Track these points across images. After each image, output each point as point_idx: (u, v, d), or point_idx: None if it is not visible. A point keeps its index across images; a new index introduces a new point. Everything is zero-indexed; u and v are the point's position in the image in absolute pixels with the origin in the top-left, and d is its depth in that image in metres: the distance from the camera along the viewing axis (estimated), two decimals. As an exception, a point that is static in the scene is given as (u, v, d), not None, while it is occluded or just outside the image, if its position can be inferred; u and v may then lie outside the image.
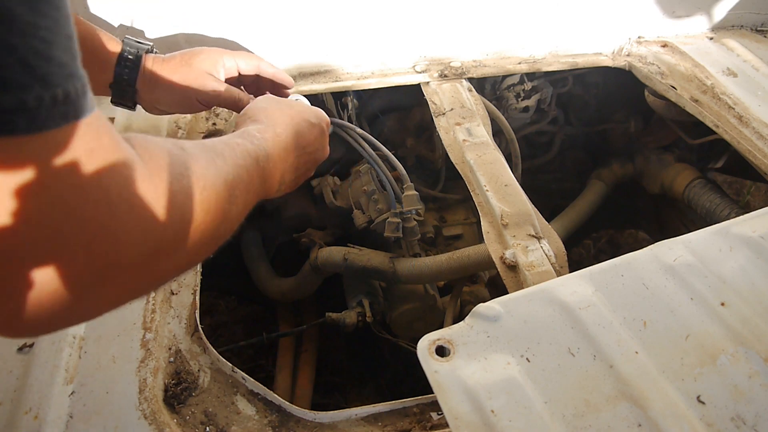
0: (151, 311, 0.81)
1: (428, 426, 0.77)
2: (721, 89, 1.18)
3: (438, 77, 1.25)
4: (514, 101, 1.43)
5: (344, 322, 1.21)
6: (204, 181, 0.48)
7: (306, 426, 0.76)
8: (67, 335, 0.77)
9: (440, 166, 1.51)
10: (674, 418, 0.55)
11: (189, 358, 0.79)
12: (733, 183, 2.51)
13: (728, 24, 1.39)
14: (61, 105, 0.34)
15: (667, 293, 0.66)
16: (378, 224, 1.19)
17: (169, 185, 0.43)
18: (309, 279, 1.34)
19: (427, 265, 1.13)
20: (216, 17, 1.13)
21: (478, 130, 1.10)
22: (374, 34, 1.23)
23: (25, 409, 0.69)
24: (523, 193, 0.96)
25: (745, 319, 0.64)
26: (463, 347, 0.60)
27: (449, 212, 1.50)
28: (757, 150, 1.06)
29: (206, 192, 0.48)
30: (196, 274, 0.88)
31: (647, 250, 0.72)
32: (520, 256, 0.84)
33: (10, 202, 0.33)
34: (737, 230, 0.74)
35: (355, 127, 1.15)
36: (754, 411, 0.56)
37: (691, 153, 1.55)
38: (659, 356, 0.60)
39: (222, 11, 1.13)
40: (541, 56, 1.32)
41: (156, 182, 0.42)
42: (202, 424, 0.73)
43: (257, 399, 0.78)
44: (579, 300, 0.65)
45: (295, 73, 1.22)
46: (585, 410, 0.56)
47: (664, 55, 1.29)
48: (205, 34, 1.14)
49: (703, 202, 1.39)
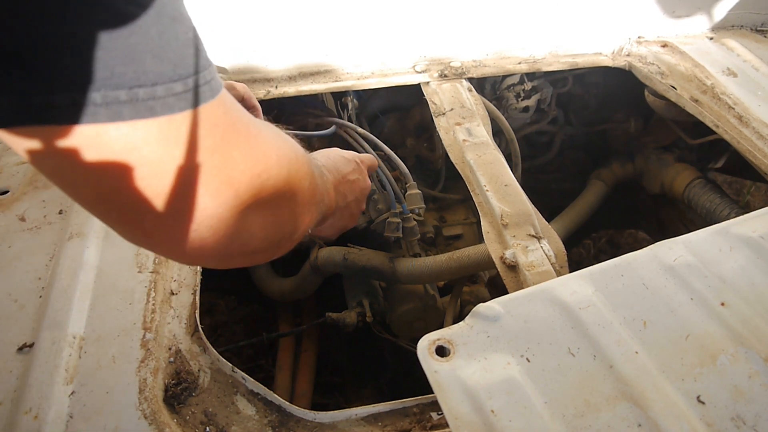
0: (151, 311, 0.81)
1: (428, 426, 0.77)
2: (721, 89, 1.18)
3: (438, 77, 1.25)
4: (514, 101, 1.43)
5: (344, 322, 1.21)
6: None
7: (306, 426, 0.76)
8: (67, 335, 0.77)
9: (440, 166, 1.52)
10: (674, 418, 0.55)
11: (189, 358, 0.79)
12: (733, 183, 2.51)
13: (728, 24, 1.39)
14: (213, 80, 0.41)
15: (667, 293, 0.66)
16: (378, 224, 1.19)
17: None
18: (309, 279, 1.34)
19: (427, 265, 1.13)
20: (216, 17, 1.13)
21: (478, 130, 1.10)
22: (374, 34, 1.23)
23: (25, 409, 0.69)
24: (523, 193, 0.96)
25: (745, 319, 0.64)
26: (463, 347, 0.60)
27: (449, 212, 1.50)
28: (757, 150, 1.06)
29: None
30: (196, 274, 0.88)
31: (647, 250, 0.72)
32: (520, 256, 0.84)
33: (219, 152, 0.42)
34: (737, 230, 0.74)
35: (356, 127, 1.15)
36: (754, 411, 0.56)
37: (691, 153, 1.55)
38: (659, 356, 0.60)
39: (222, 11, 1.13)
40: (541, 56, 1.32)
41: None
42: (202, 424, 0.73)
43: (257, 399, 0.78)
44: (579, 300, 0.65)
45: (295, 73, 1.22)
46: (585, 410, 0.56)
47: (664, 55, 1.29)
48: (204, 34, 1.14)
49: (703, 202, 1.39)
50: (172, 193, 0.40)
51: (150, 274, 0.86)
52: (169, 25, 0.37)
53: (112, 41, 0.34)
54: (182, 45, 0.38)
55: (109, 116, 0.35)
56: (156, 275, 0.86)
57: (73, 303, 0.81)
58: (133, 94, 0.35)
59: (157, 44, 0.36)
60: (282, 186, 0.50)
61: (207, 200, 0.42)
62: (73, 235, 0.91)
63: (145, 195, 0.39)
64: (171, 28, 0.37)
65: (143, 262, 0.87)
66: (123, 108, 0.35)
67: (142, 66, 0.35)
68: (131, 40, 0.35)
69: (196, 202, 0.42)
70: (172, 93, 0.37)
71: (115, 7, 0.33)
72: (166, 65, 0.37)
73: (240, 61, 1.18)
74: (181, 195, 0.41)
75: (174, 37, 0.37)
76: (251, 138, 0.46)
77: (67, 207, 0.97)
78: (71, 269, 0.86)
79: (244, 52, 1.18)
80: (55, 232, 0.93)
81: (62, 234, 0.92)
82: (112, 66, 0.34)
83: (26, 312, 0.81)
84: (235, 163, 0.43)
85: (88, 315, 0.80)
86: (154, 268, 0.87)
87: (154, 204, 0.40)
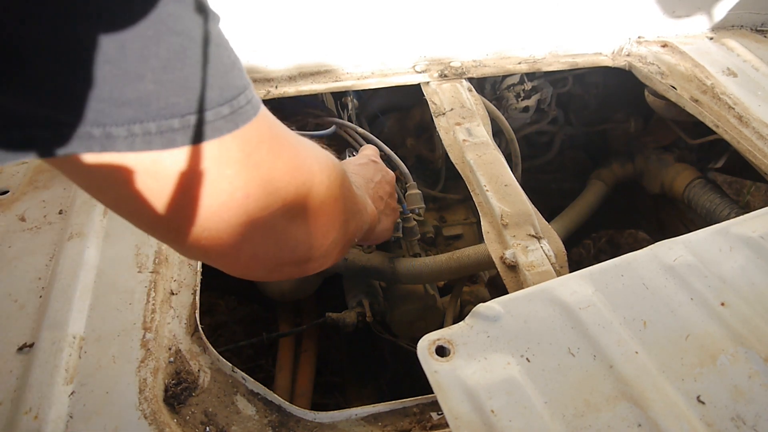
0: (151, 311, 0.81)
1: (428, 426, 0.77)
2: (721, 89, 1.18)
3: (438, 77, 1.25)
4: (514, 101, 1.43)
5: (344, 322, 1.21)
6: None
7: (306, 426, 0.76)
8: (67, 335, 0.77)
9: (440, 166, 1.51)
10: (674, 418, 0.55)
11: (189, 358, 0.79)
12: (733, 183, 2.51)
13: (728, 24, 1.39)
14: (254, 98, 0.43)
15: (667, 293, 0.66)
16: (378, 224, 1.18)
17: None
18: (309, 279, 1.33)
19: (427, 265, 1.13)
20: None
21: (478, 130, 1.10)
22: (374, 34, 1.23)
23: (25, 409, 0.69)
24: (523, 193, 0.96)
25: (745, 319, 0.64)
26: (463, 347, 0.60)
27: (449, 212, 1.50)
28: (757, 150, 1.06)
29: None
30: (196, 274, 0.88)
31: (647, 250, 0.72)
32: (520, 256, 0.84)
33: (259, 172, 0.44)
34: (737, 230, 0.74)
35: (356, 127, 1.15)
36: (754, 411, 0.56)
37: (691, 153, 1.55)
38: (659, 356, 0.60)
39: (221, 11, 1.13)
40: (541, 56, 1.32)
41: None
42: (202, 424, 0.73)
43: (257, 399, 0.78)
44: (579, 300, 0.65)
45: (295, 73, 1.22)
46: (585, 410, 0.56)
47: (664, 55, 1.29)
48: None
49: (703, 202, 1.38)
50: (226, 210, 0.43)
51: (150, 274, 0.86)
52: (215, 52, 0.39)
53: (167, 74, 0.36)
54: (227, 69, 0.40)
55: (163, 144, 0.37)
56: (156, 275, 0.86)
57: (73, 303, 0.81)
58: (185, 122, 0.38)
59: (206, 72, 0.38)
60: (324, 194, 0.53)
61: (257, 212, 0.45)
62: (73, 235, 0.91)
63: (202, 215, 0.43)
64: (216, 55, 0.39)
65: (143, 262, 0.87)
66: (176, 135, 0.38)
67: (194, 94, 0.38)
68: (184, 72, 0.37)
69: (249, 215, 0.45)
70: (220, 116, 0.39)
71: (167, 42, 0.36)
72: (214, 91, 0.39)
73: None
74: (235, 211, 0.44)
75: (220, 63, 0.40)
76: (293, 149, 0.48)
77: (67, 207, 0.97)
78: (71, 269, 0.86)
79: (244, 52, 1.18)
80: (55, 232, 0.93)
81: (62, 234, 0.92)
82: (166, 97, 0.36)
83: (26, 312, 0.81)
84: (281, 174, 0.46)
85: (88, 315, 0.80)
86: (154, 268, 0.87)
87: (210, 222, 0.43)
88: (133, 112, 0.35)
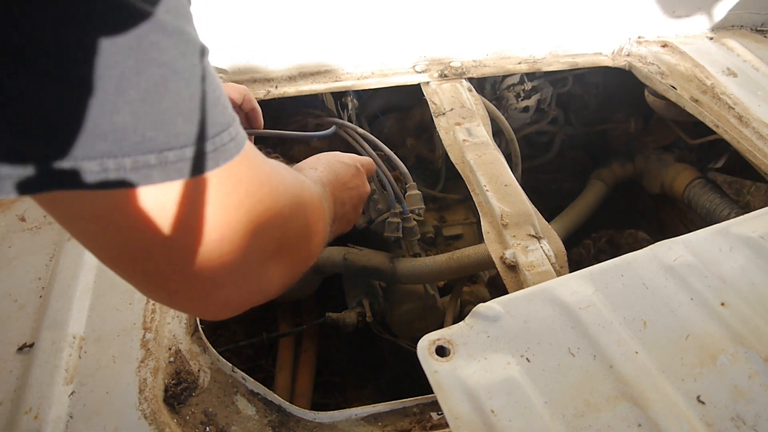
0: (151, 311, 0.81)
1: (428, 426, 0.77)
2: (721, 89, 1.18)
3: (438, 77, 1.25)
4: (514, 101, 1.43)
5: (344, 322, 1.21)
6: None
7: (306, 426, 0.76)
8: (67, 335, 0.77)
9: (440, 166, 1.51)
10: (674, 418, 0.55)
11: (189, 358, 0.79)
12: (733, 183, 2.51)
13: (728, 24, 1.39)
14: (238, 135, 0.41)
15: (667, 293, 0.66)
16: (378, 224, 1.19)
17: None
18: (309, 279, 1.34)
19: (427, 265, 1.13)
20: (216, 17, 1.13)
21: (478, 130, 1.10)
22: (374, 34, 1.23)
23: (25, 409, 0.69)
24: (523, 193, 0.96)
25: (745, 319, 0.64)
26: (463, 347, 0.60)
27: (449, 212, 1.50)
28: (757, 150, 1.06)
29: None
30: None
31: (647, 250, 0.72)
32: (520, 256, 0.84)
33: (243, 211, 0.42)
34: (737, 230, 0.74)
35: (356, 127, 1.15)
36: (754, 411, 0.56)
37: (691, 153, 1.55)
38: (659, 356, 0.60)
39: (221, 11, 1.13)
40: (541, 56, 1.32)
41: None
42: (202, 424, 0.73)
43: (257, 399, 0.78)
44: (579, 300, 0.65)
45: (295, 73, 1.22)
46: (585, 410, 0.56)
47: (664, 55, 1.29)
48: (205, 34, 1.14)
49: (703, 202, 1.39)
50: (197, 252, 0.41)
51: (150, 274, 0.86)
52: (198, 86, 0.37)
53: (146, 107, 0.34)
54: (211, 104, 0.38)
55: (139, 179, 0.35)
56: (156, 275, 0.86)
57: (73, 303, 0.81)
58: (162, 158, 0.35)
59: (188, 107, 0.36)
60: (300, 231, 0.52)
61: (232, 257, 0.42)
62: (73, 235, 0.91)
63: (172, 255, 0.40)
64: (200, 89, 0.37)
65: (143, 262, 0.87)
66: (153, 171, 0.35)
67: (173, 129, 0.35)
68: (163, 105, 0.35)
69: (222, 259, 0.42)
70: (201, 153, 0.37)
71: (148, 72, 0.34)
72: (195, 126, 0.37)
73: (240, 61, 1.18)
74: (207, 254, 0.41)
75: (204, 98, 0.37)
76: (272, 190, 0.46)
77: (67, 207, 0.97)
78: (71, 269, 0.86)
79: (244, 52, 1.18)
80: (55, 232, 0.93)
81: (62, 234, 0.92)
82: (143, 131, 0.34)
83: (26, 312, 0.81)
84: (259, 217, 0.44)
85: (88, 315, 0.80)
86: (154, 268, 0.87)
87: (180, 264, 0.41)
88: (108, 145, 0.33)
